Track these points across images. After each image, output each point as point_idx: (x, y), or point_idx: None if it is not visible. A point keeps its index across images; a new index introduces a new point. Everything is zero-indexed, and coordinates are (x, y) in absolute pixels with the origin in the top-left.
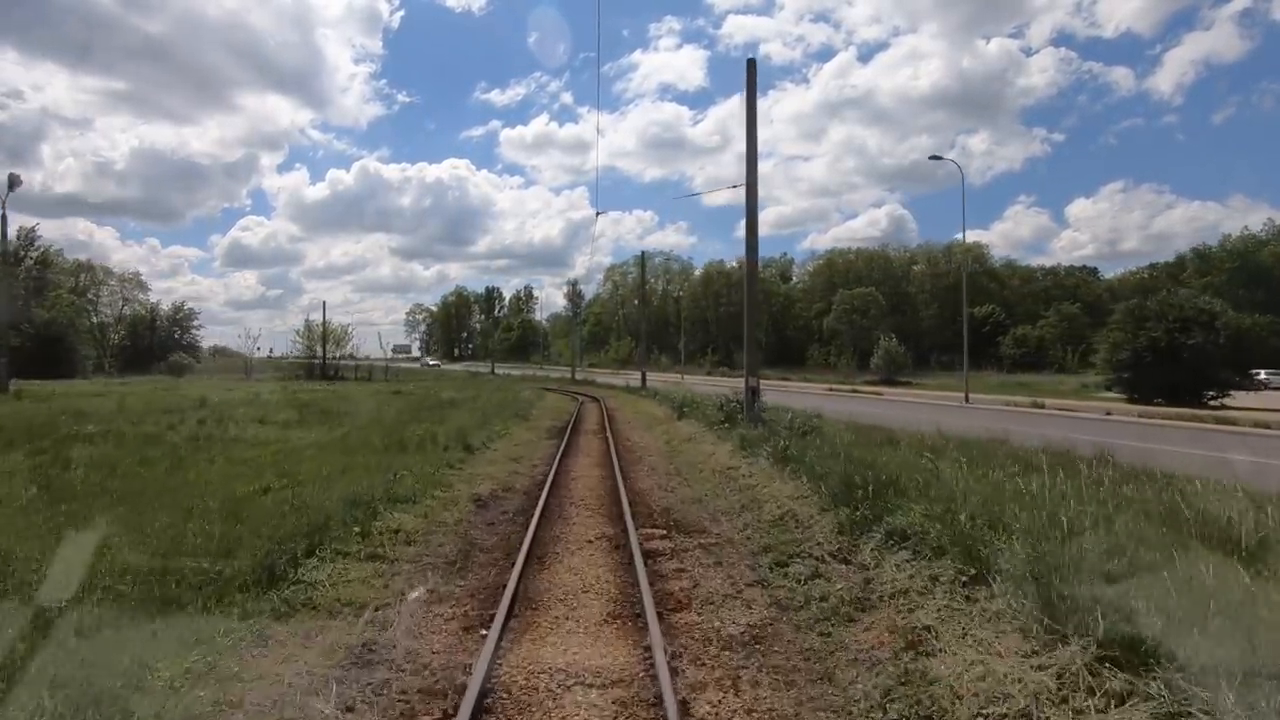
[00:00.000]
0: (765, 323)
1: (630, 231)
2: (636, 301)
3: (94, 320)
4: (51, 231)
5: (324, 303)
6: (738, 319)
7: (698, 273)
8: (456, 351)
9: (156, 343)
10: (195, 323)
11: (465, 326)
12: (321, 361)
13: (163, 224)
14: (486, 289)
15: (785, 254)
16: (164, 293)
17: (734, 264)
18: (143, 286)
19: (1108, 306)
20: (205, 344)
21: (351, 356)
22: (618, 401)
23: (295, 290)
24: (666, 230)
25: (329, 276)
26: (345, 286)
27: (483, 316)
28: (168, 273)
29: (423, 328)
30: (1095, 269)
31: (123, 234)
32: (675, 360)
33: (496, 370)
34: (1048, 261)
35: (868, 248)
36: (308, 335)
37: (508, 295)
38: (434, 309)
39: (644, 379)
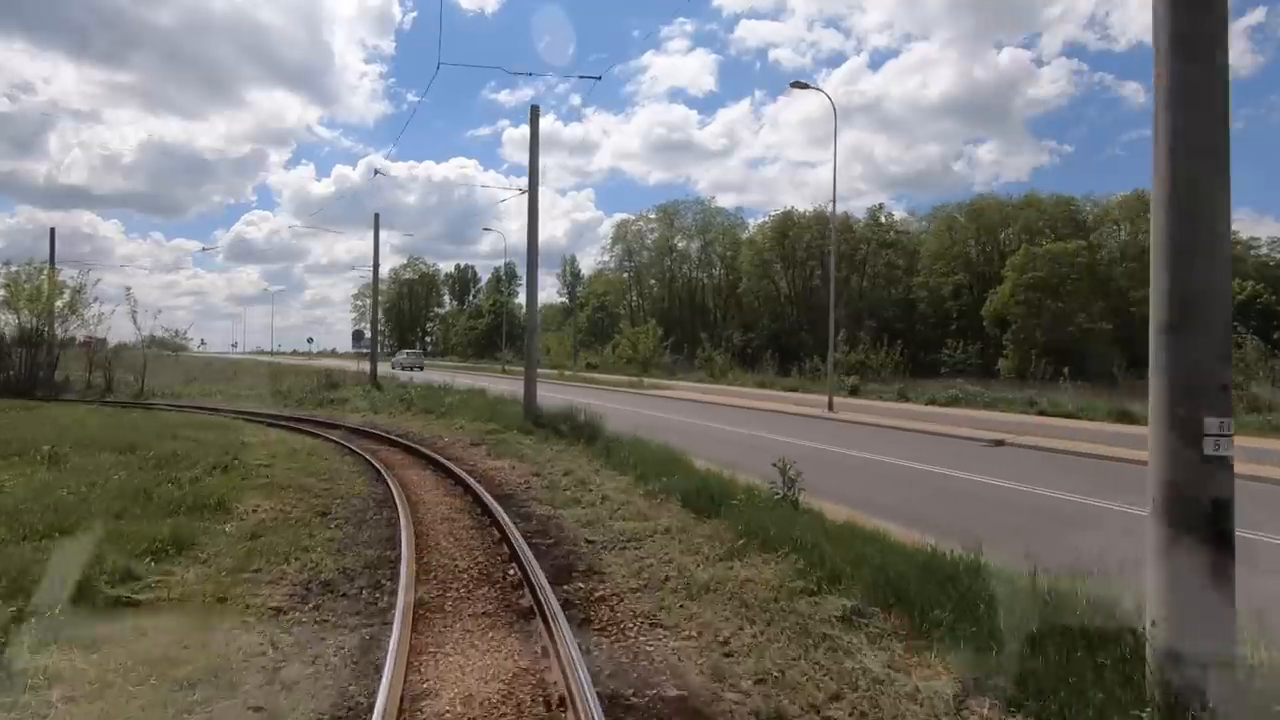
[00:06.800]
0: (855, 301)
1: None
2: (654, 283)
3: None
4: (57, 223)
5: (51, 229)
6: (837, 296)
7: (752, 231)
8: (418, 344)
9: None
10: None
11: (429, 313)
12: (32, 337)
13: (167, 217)
14: (457, 266)
15: (880, 205)
16: (166, 286)
17: (807, 209)
18: None
19: None
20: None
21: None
22: None
23: (298, 286)
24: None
25: (332, 273)
26: (348, 283)
27: (455, 302)
28: (171, 266)
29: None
30: None
31: (127, 227)
32: (740, 361)
33: (411, 368)
34: None
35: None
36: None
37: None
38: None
39: None
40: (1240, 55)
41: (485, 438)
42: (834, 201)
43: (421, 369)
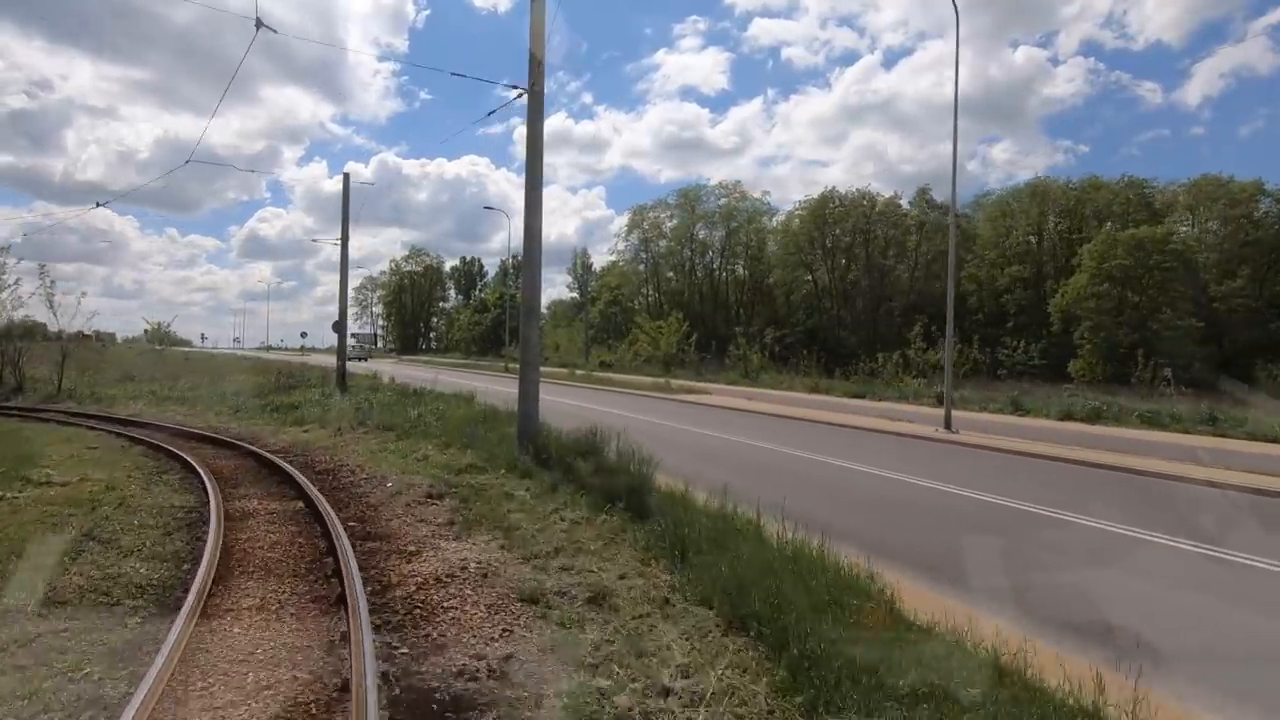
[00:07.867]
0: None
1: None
2: (671, 274)
3: None
4: (73, 220)
5: None
6: (881, 289)
7: (780, 218)
8: (422, 342)
9: None
10: None
11: (433, 307)
12: None
13: (181, 214)
14: (463, 259)
15: (927, 188)
16: (180, 282)
17: (851, 189)
18: None
19: None
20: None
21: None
22: None
23: (310, 283)
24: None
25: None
26: (358, 279)
27: (460, 297)
28: (185, 262)
29: (378, 308)
30: None
31: (142, 223)
32: (772, 360)
33: (356, 359)
34: None
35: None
36: None
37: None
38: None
39: None
40: (1261, 54)
41: (454, 481)
42: (955, 123)
43: (365, 359)
